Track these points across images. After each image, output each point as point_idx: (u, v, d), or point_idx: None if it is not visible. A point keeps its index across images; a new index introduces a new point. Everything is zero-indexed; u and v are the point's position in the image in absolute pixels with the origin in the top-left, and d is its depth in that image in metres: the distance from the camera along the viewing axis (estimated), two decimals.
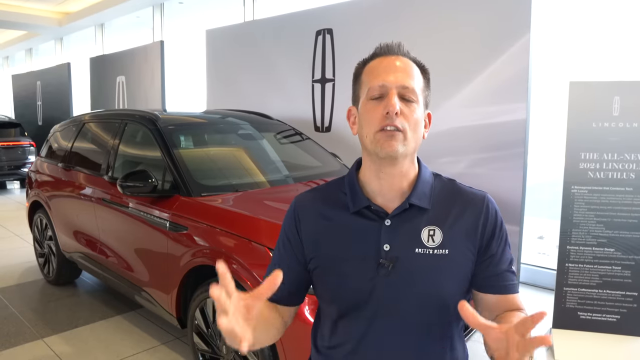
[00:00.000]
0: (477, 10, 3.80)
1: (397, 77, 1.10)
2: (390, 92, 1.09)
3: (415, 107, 1.11)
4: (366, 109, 1.12)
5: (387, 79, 1.10)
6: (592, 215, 3.20)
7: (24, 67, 16.05)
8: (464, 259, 1.15)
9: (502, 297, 1.19)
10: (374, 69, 1.14)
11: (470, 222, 1.16)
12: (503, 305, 1.20)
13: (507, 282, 1.19)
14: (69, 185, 4.02)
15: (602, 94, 3.17)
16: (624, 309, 3.17)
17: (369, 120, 1.12)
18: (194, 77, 7.84)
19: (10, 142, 9.46)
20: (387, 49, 1.16)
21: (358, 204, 1.18)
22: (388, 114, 1.07)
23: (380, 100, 1.10)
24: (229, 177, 3.23)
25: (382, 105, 1.09)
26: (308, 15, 5.22)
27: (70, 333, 3.46)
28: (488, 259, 1.17)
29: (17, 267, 4.94)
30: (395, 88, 1.09)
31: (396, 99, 1.08)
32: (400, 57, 1.14)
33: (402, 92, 1.09)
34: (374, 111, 1.10)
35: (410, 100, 1.10)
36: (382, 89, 1.10)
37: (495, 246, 1.17)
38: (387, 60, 1.13)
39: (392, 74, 1.10)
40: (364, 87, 1.14)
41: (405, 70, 1.12)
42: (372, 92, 1.11)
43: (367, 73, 1.15)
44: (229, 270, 0.92)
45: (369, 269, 1.15)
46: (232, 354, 2.51)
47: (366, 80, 1.14)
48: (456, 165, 3.97)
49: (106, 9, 9.97)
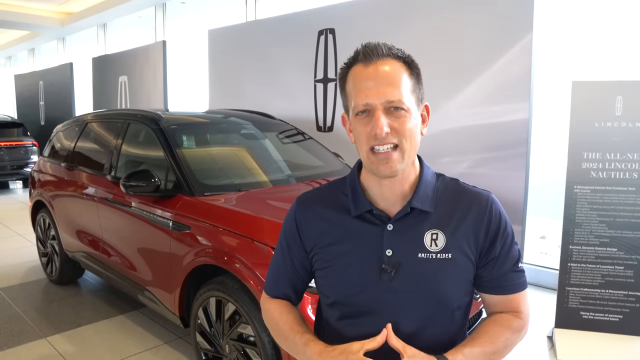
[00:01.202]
0: (479, 10, 3.79)
1: (379, 92, 1.05)
2: (375, 112, 1.05)
3: (406, 116, 1.06)
4: (355, 126, 1.10)
5: (370, 96, 1.05)
6: (595, 214, 3.20)
7: (27, 67, 16.08)
8: (467, 262, 1.14)
9: (504, 297, 1.20)
10: (357, 81, 1.08)
11: (474, 224, 1.15)
12: (506, 305, 1.21)
13: (510, 282, 1.18)
14: (71, 184, 4.03)
15: (604, 93, 3.17)
16: (627, 308, 3.17)
17: (359, 138, 1.10)
18: (196, 77, 7.84)
19: (13, 142, 9.48)
20: (368, 53, 1.08)
21: (360, 207, 1.17)
22: (376, 135, 1.05)
23: (367, 117, 1.07)
24: (231, 177, 3.24)
25: (370, 123, 1.06)
26: (310, 15, 5.22)
27: (73, 332, 3.47)
28: (491, 261, 1.16)
29: (20, 267, 4.96)
30: (380, 104, 1.05)
31: (383, 119, 1.04)
32: (382, 60, 1.07)
33: (389, 106, 1.05)
34: (363, 129, 1.08)
35: (399, 110, 1.06)
36: (367, 107, 1.06)
37: (499, 247, 1.16)
38: (369, 71, 1.07)
39: (374, 89, 1.05)
40: (350, 100, 1.11)
41: (388, 80, 1.06)
42: (357, 109, 1.08)
43: (351, 83, 1.10)
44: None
45: (371, 274, 1.14)
46: (234, 353, 2.51)
47: (351, 94, 1.10)
48: (458, 165, 3.97)
49: (108, 9, 9.98)
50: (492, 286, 1.19)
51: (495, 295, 1.20)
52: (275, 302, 1.30)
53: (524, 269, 1.21)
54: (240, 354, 2.48)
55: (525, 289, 1.22)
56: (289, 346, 1.22)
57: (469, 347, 1.10)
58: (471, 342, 1.12)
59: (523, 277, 1.21)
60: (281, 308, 1.28)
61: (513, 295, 1.20)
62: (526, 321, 1.22)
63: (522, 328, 1.20)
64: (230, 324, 2.51)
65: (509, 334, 1.17)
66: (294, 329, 1.21)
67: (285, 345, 1.24)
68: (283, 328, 1.24)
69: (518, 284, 1.20)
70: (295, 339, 1.19)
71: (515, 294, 1.20)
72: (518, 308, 1.21)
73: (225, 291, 2.47)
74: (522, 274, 1.21)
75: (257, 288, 2.25)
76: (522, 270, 1.20)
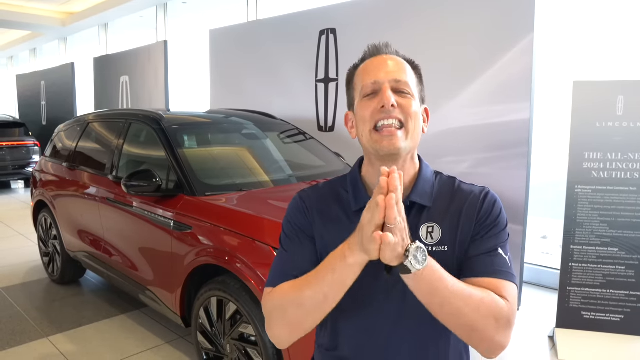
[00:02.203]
0: (480, 10, 3.79)
1: (388, 71, 1.11)
2: (383, 87, 1.09)
3: (411, 99, 1.11)
4: (361, 107, 1.13)
5: (379, 74, 1.10)
6: (596, 214, 3.20)
7: (28, 67, 16.10)
8: (463, 254, 1.14)
9: (485, 280, 1.09)
10: (365, 68, 1.15)
11: (468, 216, 1.15)
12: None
13: (492, 266, 1.10)
14: (73, 184, 4.04)
15: (606, 93, 3.17)
16: (628, 308, 3.17)
17: (363, 117, 1.11)
18: (198, 77, 7.85)
19: (15, 142, 9.50)
20: (375, 50, 1.16)
21: (360, 202, 1.17)
22: (383, 108, 1.07)
23: (375, 97, 1.10)
24: (232, 177, 3.24)
25: (377, 100, 1.09)
26: (311, 15, 5.22)
27: (74, 332, 3.48)
28: (475, 239, 1.13)
29: (22, 266, 4.97)
30: (388, 82, 1.09)
31: (390, 92, 1.08)
32: (389, 55, 1.15)
33: (396, 86, 1.10)
34: (368, 107, 1.10)
35: (405, 93, 1.10)
36: (375, 85, 1.10)
37: (484, 230, 1.13)
38: (377, 59, 1.14)
39: (382, 69, 1.11)
40: (357, 88, 1.15)
41: (396, 66, 1.12)
42: (365, 90, 1.11)
43: (359, 74, 1.16)
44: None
45: (369, 269, 1.14)
46: (235, 352, 2.52)
47: (358, 81, 1.15)
48: (460, 165, 3.97)
49: (110, 9, 10.00)
50: (472, 266, 1.11)
51: (472, 278, 1.10)
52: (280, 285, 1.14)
53: (507, 261, 1.12)
54: (242, 353, 2.48)
55: (511, 281, 1.09)
56: (316, 284, 1.05)
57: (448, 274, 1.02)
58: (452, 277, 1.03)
59: (506, 267, 1.11)
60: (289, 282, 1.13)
61: (495, 280, 1.08)
62: (511, 309, 1.05)
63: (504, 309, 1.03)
64: (232, 323, 2.51)
65: (490, 299, 1.03)
66: (311, 274, 1.08)
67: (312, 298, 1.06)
68: (301, 283, 1.09)
69: (501, 270, 1.10)
70: (319, 269, 1.06)
71: (497, 280, 1.08)
72: (502, 293, 1.06)
73: (226, 291, 2.47)
74: (506, 264, 1.11)
75: (258, 288, 2.25)
76: (503, 258, 1.11)
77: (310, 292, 1.06)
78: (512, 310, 1.05)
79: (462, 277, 1.11)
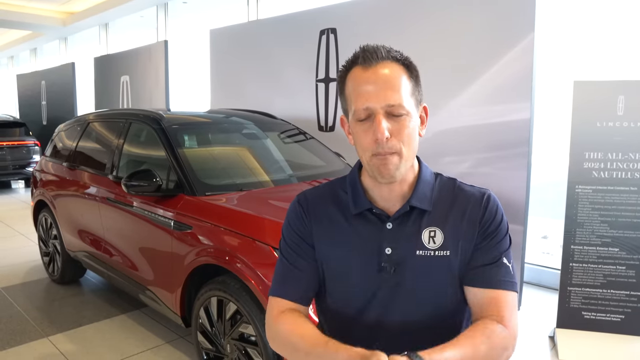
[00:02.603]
0: (481, 10, 3.79)
1: (379, 96, 1.05)
2: (377, 117, 1.06)
3: (406, 119, 1.07)
4: (356, 131, 1.10)
5: (371, 100, 1.05)
6: (597, 214, 3.20)
7: (29, 66, 16.10)
8: (465, 258, 1.15)
9: (486, 292, 1.11)
10: (356, 84, 1.09)
11: (470, 220, 1.15)
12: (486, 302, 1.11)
13: (494, 276, 1.12)
14: (73, 184, 4.04)
15: (606, 93, 3.17)
16: (629, 308, 3.17)
17: (360, 145, 1.10)
18: (198, 76, 7.85)
19: (15, 142, 9.50)
20: (368, 56, 1.09)
21: (360, 206, 1.17)
22: (378, 141, 1.05)
23: (369, 122, 1.07)
24: (233, 177, 3.24)
25: (372, 130, 1.06)
26: (312, 14, 5.22)
27: (74, 332, 3.48)
28: (478, 249, 1.14)
29: (22, 266, 4.97)
30: (381, 109, 1.06)
31: (384, 123, 1.05)
32: (382, 63, 1.08)
33: (389, 110, 1.06)
34: (365, 135, 1.08)
35: (399, 114, 1.06)
36: (368, 112, 1.07)
37: (488, 238, 1.14)
38: (368, 74, 1.07)
39: (374, 93, 1.05)
40: (350, 104, 1.11)
41: (388, 83, 1.06)
42: (358, 115, 1.08)
43: (350, 87, 1.11)
44: None
45: (371, 272, 1.15)
46: (235, 352, 2.52)
47: (350, 97, 1.11)
48: (460, 164, 3.97)
49: (110, 8, 9.99)
50: (472, 276, 1.13)
51: (475, 288, 1.13)
52: (288, 317, 1.17)
53: (510, 269, 1.14)
54: (242, 353, 2.48)
55: (512, 291, 1.12)
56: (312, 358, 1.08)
57: (449, 349, 1.01)
58: (452, 345, 1.03)
59: (510, 276, 1.13)
60: (296, 321, 1.15)
61: (496, 292, 1.11)
62: (513, 332, 1.09)
63: (507, 337, 1.08)
64: (232, 323, 2.51)
65: (493, 340, 1.05)
66: (314, 343, 1.09)
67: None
68: (304, 342, 1.10)
69: (503, 281, 1.12)
70: (317, 351, 1.07)
71: (499, 292, 1.11)
72: (500, 311, 1.09)
73: (226, 291, 2.47)
74: (509, 272, 1.13)
75: (258, 288, 2.25)
76: (507, 267, 1.13)
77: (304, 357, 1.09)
78: (513, 330, 1.10)
79: (465, 284, 1.15)
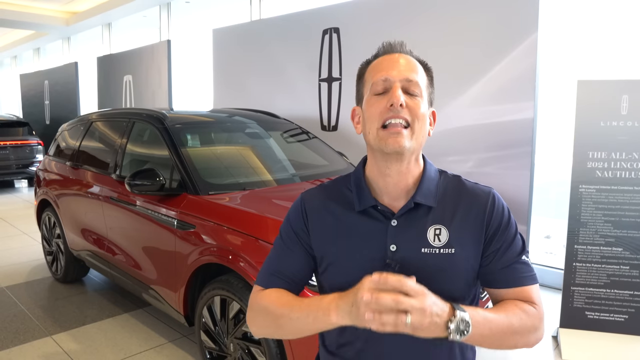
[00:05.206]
0: (484, 10, 3.79)
1: (400, 70, 1.10)
2: (394, 86, 1.09)
3: (420, 101, 1.10)
4: (369, 104, 1.12)
5: (391, 72, 1.10)
6: (600, 214, 3.19)
7: (32, 66, 16.15)
8: (470, 257, 1.15)
9: (511, 290, 1.15)
10: (377, 65, 1.14)
11: (476, 219, 1.15)
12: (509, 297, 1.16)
13: (514, 274, 1.15)
14: (76, 183, 4.04)
15: (610, 92, 3.16)
16: (632, 308, 3.16)
17: (372, 115, 1.11)
18: (201, 76, 7.86)
19: (19, 141, 9.52)
20: (389, 47, 1.16)
21: (364, 203, 1.17)
22: (392, 107, 1.07)
23: (384, 95, 1.10)
24: (236, 176, 3.24)
25: (386, 98, 1.09)
26: (315, 14, 5.22)
27: (78, 330, 3.49)
28: (492, 254, 1.15)
29: (26, 265, 4.98)
30: (399, 81, 1.09)
31: (400, 91, 1.08)
32: (402, 54, 1.15)
33: (406, 86, 1.09)
34: (377, 105, 1.10)
35: (415, 94, 1.10)
36: (386, 83, 1.10)
37: (501, 240, 1.15)
38: (390, 57, 1.14)
39: (395, 68, 1.11)
40: (367, 84, 1.15)
41: (408, 65, 1.12)
42: (375, 87, 1.11)
43: (370, 71, 1.15)
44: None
45: (375, 269, 1.14)
46: (239, 351, 2.52)
47: (369, 78, 1.15)
48: (463, 164, 3.97)
49: (113, 8, 10.01)
50: (496, 279, 1.16)
51: (501, 289, 1.16)
52: (269, 290, 1.20)
53: (529, 263, 1.17)
54: (245, 352, 2.48)
55: (535, 283, 1.16)
56: (295, 318, 1.09)
57: (483, 311, 1.04)
58: (486, 310, 1.06)
59: (529, 270, 1.16)
60: (278, 291, 1.19)
61: (520, 288, 1.15)
62: (542, 314, 1.13)
63: (538, 318, 1.12)
64: (235, 322, 2.51)
65: (525, 316, 1.09)
66: (298, 299, 1.13)
67: (289, 323, 1.11)
68: (285, 304, 1.13)
69: (524, 277, 1.15)
70: (303, 303, 1.10)
71: (523, 288, 1.14)
72: (531, 300, 1.13)
73: (229, 290, 2.47)
74: (528, 267, 1.16)
75: None
76: (526, 263, 1.16)
77: (288, 318, 1.11)
78: (542, 311, 1.14)
79: (490, 287, 1.18)
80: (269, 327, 1.17)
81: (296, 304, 1.11)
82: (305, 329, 1.10)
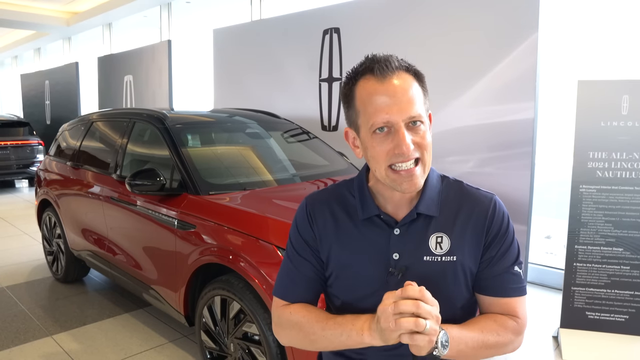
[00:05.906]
0: (485, 10, 3.78)
1: (401, 108, 1.03)
2: (399, 130, 1.03)
3: (423, 128, 1.06)
4: (372, 143, 1.07)
5: (392, 113, 1.03)
6: (601, 214, 3.19)
7: (33, 66, 16.15)
8: (471, 263, 1.15)
9: (495, 300, 1.16)
10: (371, 97, 1.05)
11: (477, 225, 1.15)
12: (502, 308, 1.16)
13: (504, 284, 1.15)
14: (77, 183, 4.05)
15: (610, 92, 3.16)
16: (633, 308, 3.16)
17: (377, 155, 1.07)
18: (201, 76, 7.86)
19: (19, 141, 9.53)
20: (382, 67, 1.04)
21: (368, 211, 1.17)
22: (403, 154, 1.04)
23: (387, 134, 1.05)
24: (236, 176, 3.25)
25: (390, 140, 1.04)
26: (315, 14, 5.22)
27: (78, 330, 3.49)
28: (487, 260, 1.16)
29: (26, 265, 4.98)
30: (402, 121, 1.03)
31: (407, 136, 1.03)
32: (396, 74, 1.05)
33: (409, 122, 1.05)
34: (382, 146, 1.05)
35: (418, 125, 1.06)
36: (388, 124, 1.04)
37: (497, 248, 1.15)
38: (384, 88, 1.04)
39: (395, 106, 1.03)
40: (363, 118, 1.07)
41: (406, 95, 1.04)
42: (375, 127, 1.05)
43: (363, 99, 1.07)
44: None
45: (378, 277, 1.14)
46: (239, 351, 2.52)
47: (364, 110, 1.07)
48: (464, 164, 3.96)
49: (114, 8, 10.02)
50: (486, 286, 1.16)
51: (488, 296, 1.17)
52: (296, 304, 1.22)
53: (520, 274, 1.17)
54: (245, 352, 2.48)
55: (523, 295, 1.17)
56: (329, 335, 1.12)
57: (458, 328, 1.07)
58: (461, 326, 1.09)
59: (519, 281, 1.16)
60: (306, 306, 1.20)
61: (506, 299, 1.15)
62: (522, 327, 1.16)
63: (516, 332, 1.14)
64: (235, 322, 2.51)
65: (502, 331, 1.12)
66: (331, 317, 1.14)
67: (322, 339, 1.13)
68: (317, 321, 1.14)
69: (512, 288, 1.15)
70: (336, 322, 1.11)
71: (509, 299, 1.15)
72: (515, 312, 1.15)
73: (230, 290, 2.47)
74: (518, 278, 1.16)
75: (262, 287, 2.25)
76: (518, 274, 1.16)
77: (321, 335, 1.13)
78: (523, 324, 1.16)
79: (476, 292, 1.18)
80: (301, 341, 1.19)
81: (329, 322, 1.13)
82: (338, 345, 1.12)
